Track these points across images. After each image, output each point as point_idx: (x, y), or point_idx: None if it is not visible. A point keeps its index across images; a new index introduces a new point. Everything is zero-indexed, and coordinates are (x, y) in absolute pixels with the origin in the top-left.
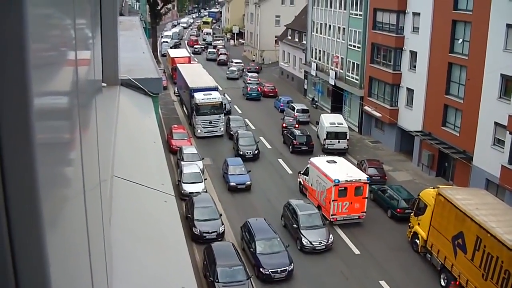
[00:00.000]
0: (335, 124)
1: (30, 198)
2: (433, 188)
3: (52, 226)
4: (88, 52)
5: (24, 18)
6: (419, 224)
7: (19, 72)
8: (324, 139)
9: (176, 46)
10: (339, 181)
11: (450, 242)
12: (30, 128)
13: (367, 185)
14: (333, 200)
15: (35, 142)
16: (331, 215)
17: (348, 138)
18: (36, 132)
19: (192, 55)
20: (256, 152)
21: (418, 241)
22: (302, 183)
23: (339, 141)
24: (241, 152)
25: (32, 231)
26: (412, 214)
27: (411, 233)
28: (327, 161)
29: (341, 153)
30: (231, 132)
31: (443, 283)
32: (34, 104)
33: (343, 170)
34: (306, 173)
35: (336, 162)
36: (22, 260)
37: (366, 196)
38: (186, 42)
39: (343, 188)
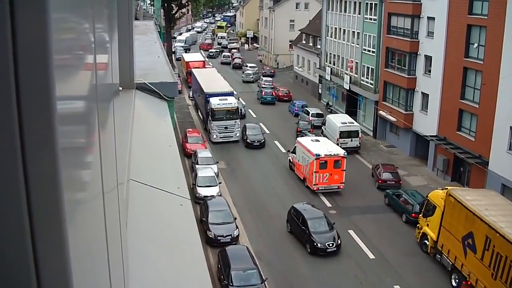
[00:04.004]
0: (346, 123)
1: (53, 202)
2: (442, 189)
3: (74, 229)
4: (106, 56)
5: (47, 22)
6: (428, 225)
7: (43, 77)
8: (337, 138)
9: (185, 50)
10: (319, 155)
11: (460, 242)
12: (53, 132)
13: (345, 159)
14: (315, 172)
15: (58, 146)
16: (314, 184)
17: (360, 136)
18: (59, 136)
19: (207, 59)
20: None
21: (427, 242)
22: (291, 160)
23: (351, 140)
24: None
25: (55, 234)
26: (420, 215)
27: (420, 234)
28: (311, 140)
29: (353, 151)
30: (248, 141)
31: (454, 284)
32: (57, 109)
33: (324, 147)
34: (294, 151)
35: (319, 141)
36: (44, 260)
37: (344, 169)
38: (199, 46)
39: (323, 162)
